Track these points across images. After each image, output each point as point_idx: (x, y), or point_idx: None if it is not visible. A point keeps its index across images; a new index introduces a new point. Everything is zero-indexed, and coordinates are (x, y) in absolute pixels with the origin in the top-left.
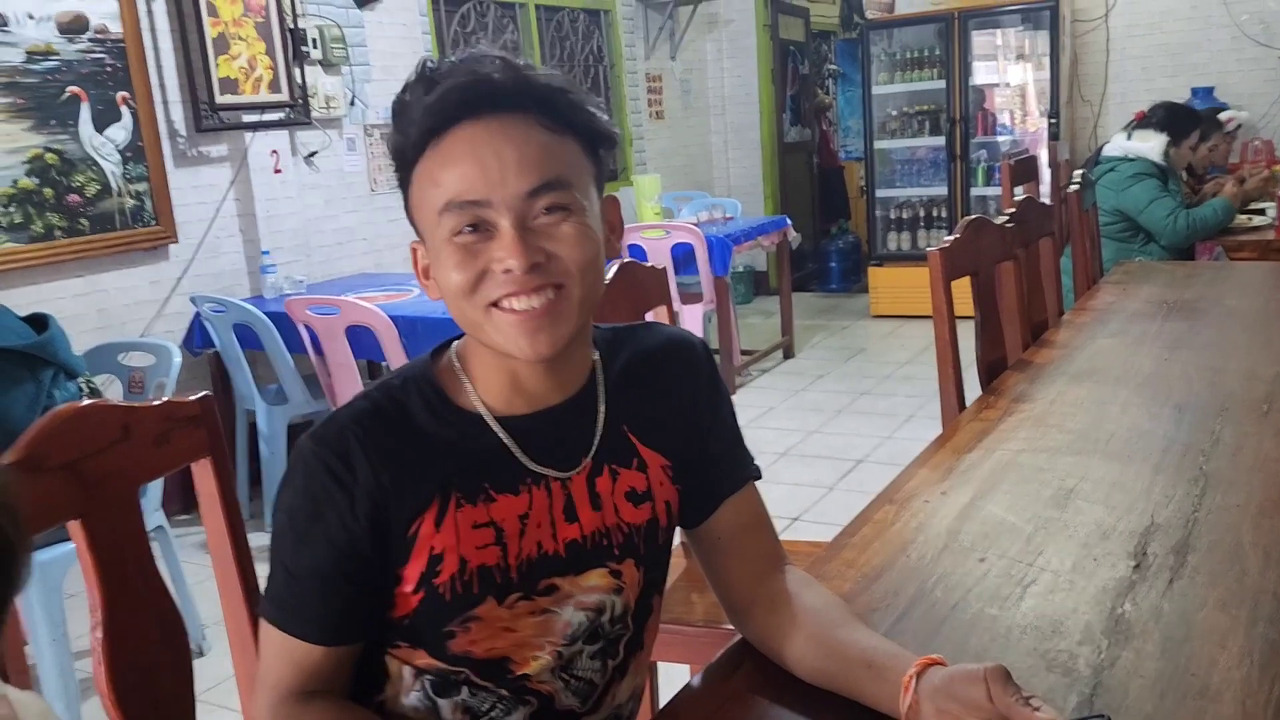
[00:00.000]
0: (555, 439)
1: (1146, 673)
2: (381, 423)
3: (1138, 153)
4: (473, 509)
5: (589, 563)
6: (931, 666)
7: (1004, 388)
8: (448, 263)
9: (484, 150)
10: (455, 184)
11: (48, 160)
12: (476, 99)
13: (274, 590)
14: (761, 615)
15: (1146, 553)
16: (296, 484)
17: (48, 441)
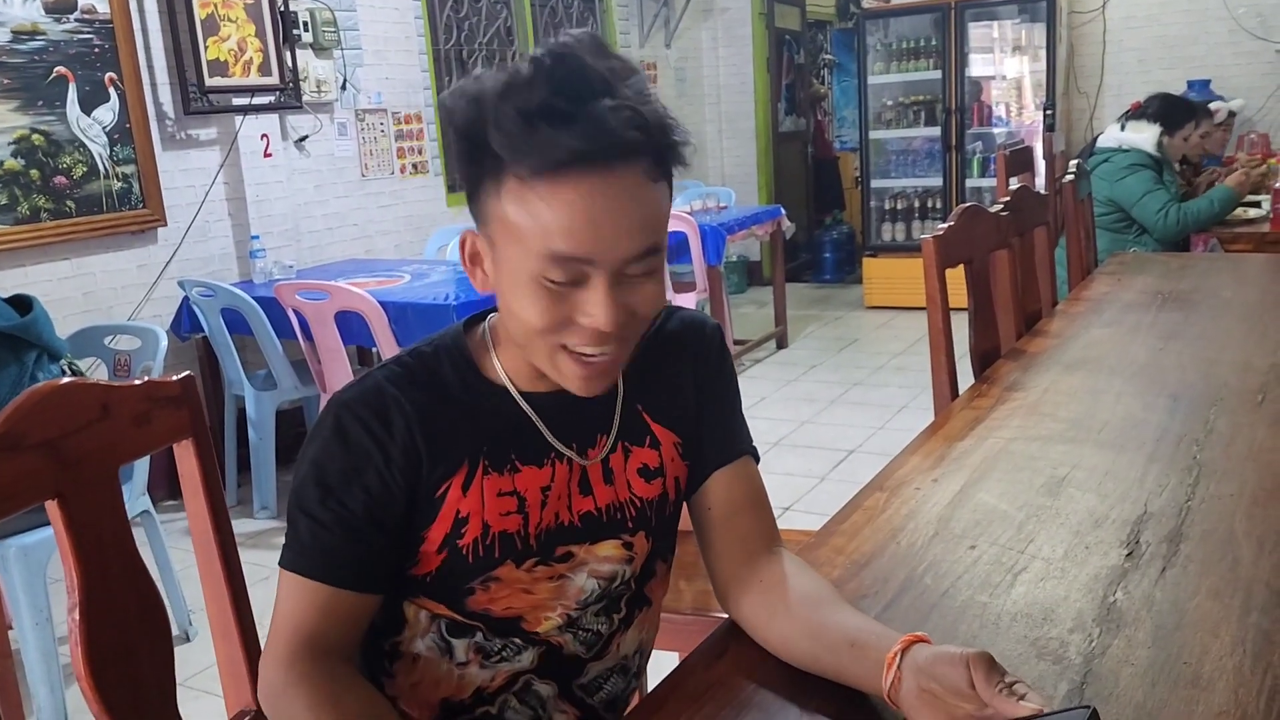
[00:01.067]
0: (576, 418)
1: (1138, 661)
2: (417, 386)
3: (1132, 144)
4: (499, 477)
5: (603, 534)
6: (916, 644)
7: (997, 376)
8: (530, 299)
9: (599, 210)
10: (563, 237)
11: (34, 141)
12: (604, 151)
13: (298, 540)
14: (749, 596)
15: (1139, 541)
16: (330, 438)
17: (25, 419)
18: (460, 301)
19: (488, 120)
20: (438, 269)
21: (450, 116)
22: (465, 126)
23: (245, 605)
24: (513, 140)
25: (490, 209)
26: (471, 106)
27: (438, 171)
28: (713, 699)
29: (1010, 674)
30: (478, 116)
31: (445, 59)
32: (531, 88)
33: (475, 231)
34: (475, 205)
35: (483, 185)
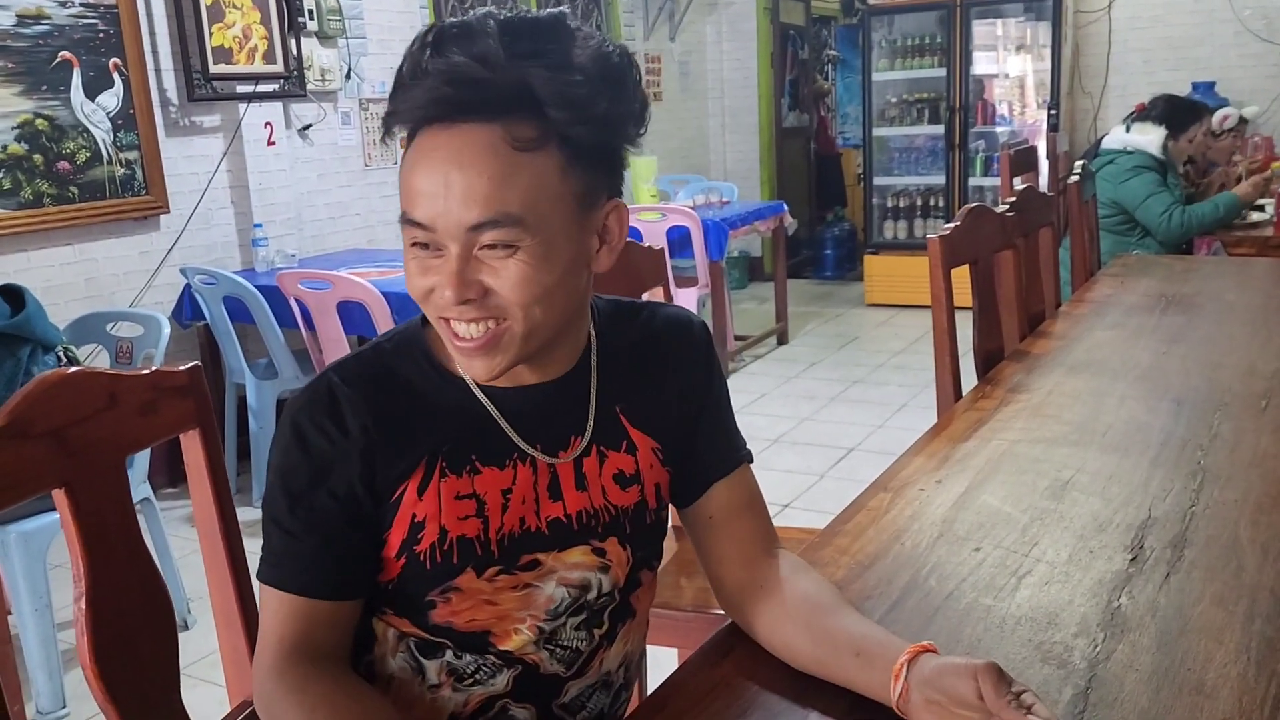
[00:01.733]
0: (544, 417)
1: (1142, 667)
2: (371, 382)
3: (1136, 145)
4: (456, 479)
5: (572, 540)
6: (923, 654)
7: (1001, 378)
8: (408, 266)
9: (437, 171)
10: (410, 198)
11: (38, 126)
12: (446, 102)
13: (272, 552)
14: (752, 600)
15: (1143, 546)
16: (288, 445)
17: (32, 408)
18: None
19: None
20: None
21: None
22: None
23: (249, 595)
24: (393, 103)
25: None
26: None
27: None
28: (716, 699)
29: (1019, 684)
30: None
31: None
32: (414, 49)
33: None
34: None
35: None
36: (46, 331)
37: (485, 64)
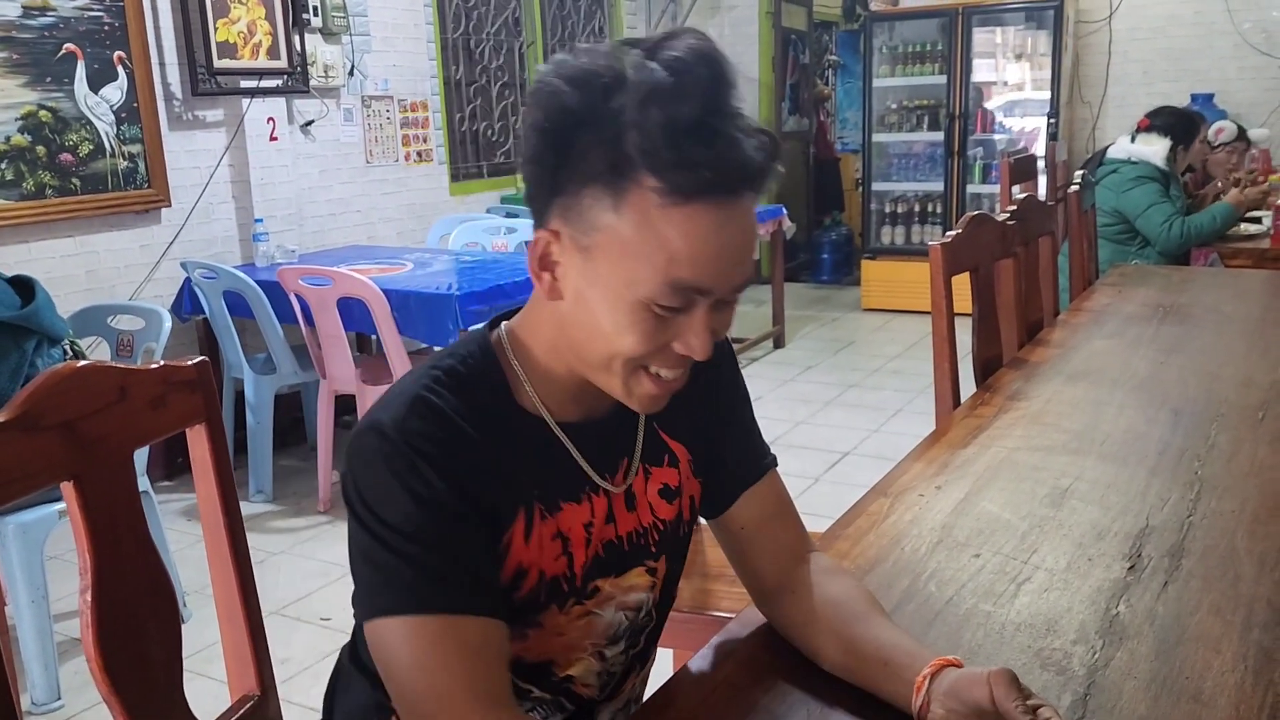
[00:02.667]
0: (605, 444)
1: (1140, 674)
2: (468, 412)
3: (1141, 156)
4: (552, 520)
5: (629, 563)
6: (946, 668)
7: (999, 385)
8: (629, 323)
9: (726, 240)
10: (689, 265)
11: (41, 118)
12: (745, 180)
13: (404, 581)
14: (786, 605)
15: (1141, 555)
16: (392, 475)
17: (44, 401)
18: (464, 292)
19: (624, 121)
20: (440, 258)
21: (553, 100)
22: (576, 115)
23: (252, 591)
24: (658, 152)
25: (596, 217)
26: (592, 96)
27: (442, 160)
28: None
29: (1036, 696)
30: (601, 110)
31: (453, 48)
32: (683, 96)
33: (551, 232)
34: (562, 206)
35: (586, 188)
36: (54, 324)
37: (768, 135)
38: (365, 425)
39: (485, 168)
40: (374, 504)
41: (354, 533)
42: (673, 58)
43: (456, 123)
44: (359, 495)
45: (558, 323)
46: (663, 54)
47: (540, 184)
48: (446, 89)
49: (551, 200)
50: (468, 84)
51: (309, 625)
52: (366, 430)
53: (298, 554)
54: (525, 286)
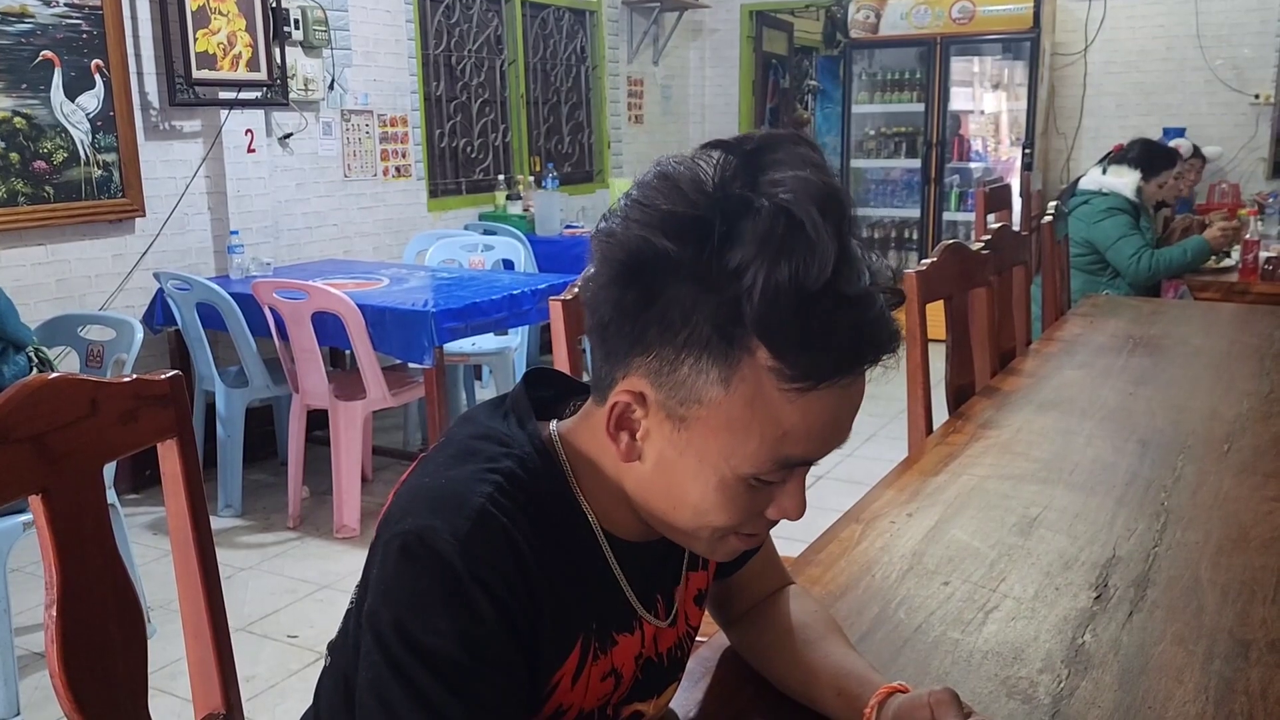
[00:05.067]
0: (656, 566)
1: (1104, 704)
2: (523, 539)
3: (1111, 188)
4: (605, 659)
5: (667, 680)
6: (892, 695)
7: (971, 413)
8: (721, 496)
9: (844, 415)
10: (802, 443)
11: (16, 124)
12: (873, 360)
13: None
14: (749, 631)
15: (1108, 584)
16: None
17: (14, 413)
18: (440, 309)
19: (739, 284)
20: (417, 274)
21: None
22: (675, 265)
23: (220, 608)
24: (781, 330)
25: (699, 390)
26: (695, 248)
27: (420, 176)
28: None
29: (979, 715)
30: (709, 266)
31: (434, 64)
32: (804, 254)
33: (635, 395)
34: (648, 366)
35: (686, 354)
36: (18, 330)
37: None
38: (414, 533)
39: (464, 184)
40: (412, 638)
41: (372, 656)
42: (785, 197)
43: (436, 139)
44: (394, 621)
45: (630, 479)
46: (768, 189)
47: (618, 334)
48: (427, 105)
49: (630, 353)
50: (448, 100)
51: (275, 642)
52: (417, 542)
53: (266, 570)
54: (501, 305)
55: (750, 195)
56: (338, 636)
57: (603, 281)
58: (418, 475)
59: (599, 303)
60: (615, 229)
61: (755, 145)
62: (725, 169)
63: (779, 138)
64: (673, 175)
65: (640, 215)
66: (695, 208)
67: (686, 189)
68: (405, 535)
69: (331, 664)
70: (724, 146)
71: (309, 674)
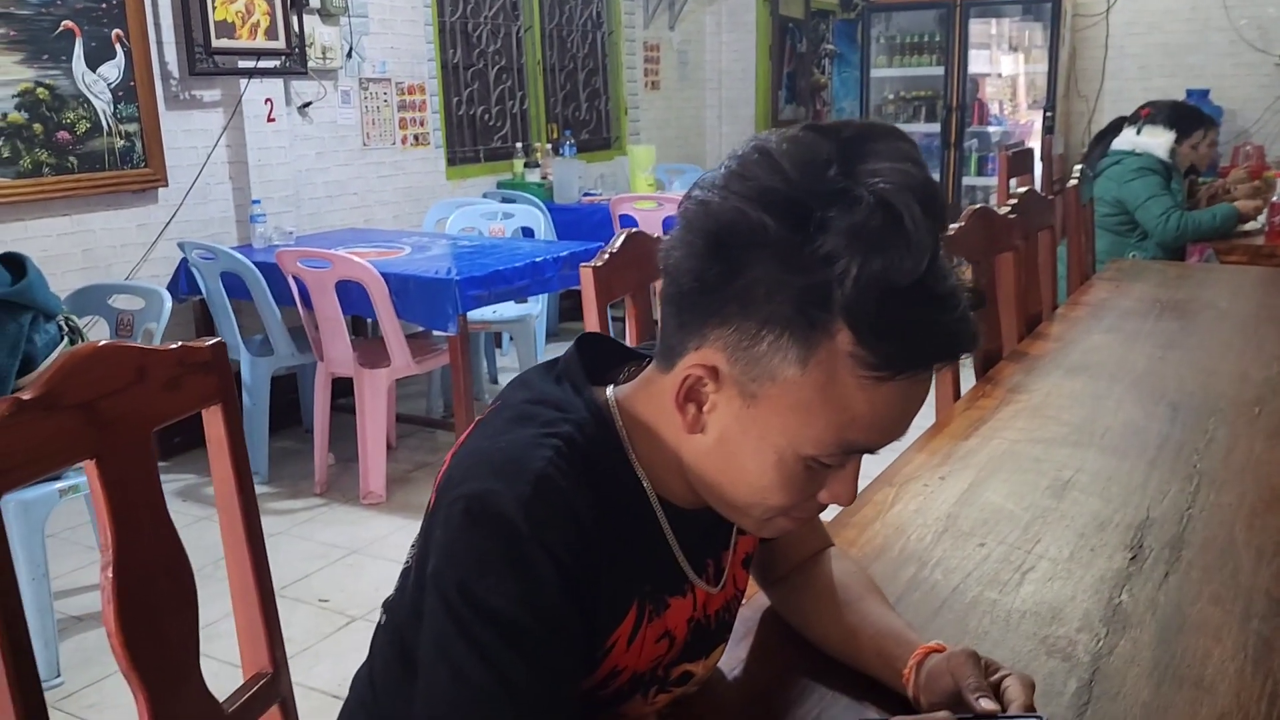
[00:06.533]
0: (707, 532)
1: (1143, 662)
2: (591, 497)
3: (1145, 148)
4: (659, 620)
5: (715, 641)
6: (929, 655)
7: (1000, 378)
8: (780, 475)
9: (911, 408)
10: (868, 431)
11: (39, 95)
12: (953, 358)
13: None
14: (790, 592)
15: (1142, 546)
16: (510, 571)
17: (66, 381)
18: (464, 277)
19: (832, 269)
20: (438, 242)
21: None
22: (767, 243)
23: (265, 570)
24: (869, 318)
25: (775, 368)
26: (791, 228)
27: (438, 144)
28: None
29: (1003, 668)
30: (802, 247)
31: (450, 31)
32: (900, 248)
33: (708, 369)
34: (725, 340)
35: (767, 331)
36: (48, 300)
37: (973, 289)
38: (476, 496)
39: (482, 152)
40: (476, 598)
41: (437, 616)
42: (885, 189)
43: (453, 107)
44: (458, 582)
45: (689, 449)
46: (871, 180)
47: (698, 304)
48: (444, 72)
49: (706, 324)
50: (465, 68)
51: (308, 606)
52: (479, 504)
53: (295, 535)
54: (524, 272)
55: (850, 184)
56: (394, 594)
57: (688, 250)
58: (476, 439)
59: (681, 271)
60: (711, 199)
61: (853, 133)
62: (823, 154)
63: (877, 129)
64: (774, 153)
65: (740, 188)
66: (795, 188)
67: (788, 168)
68: (468, 498)
69: (388, 622)
70: (820, 131)
71: (341, 637)
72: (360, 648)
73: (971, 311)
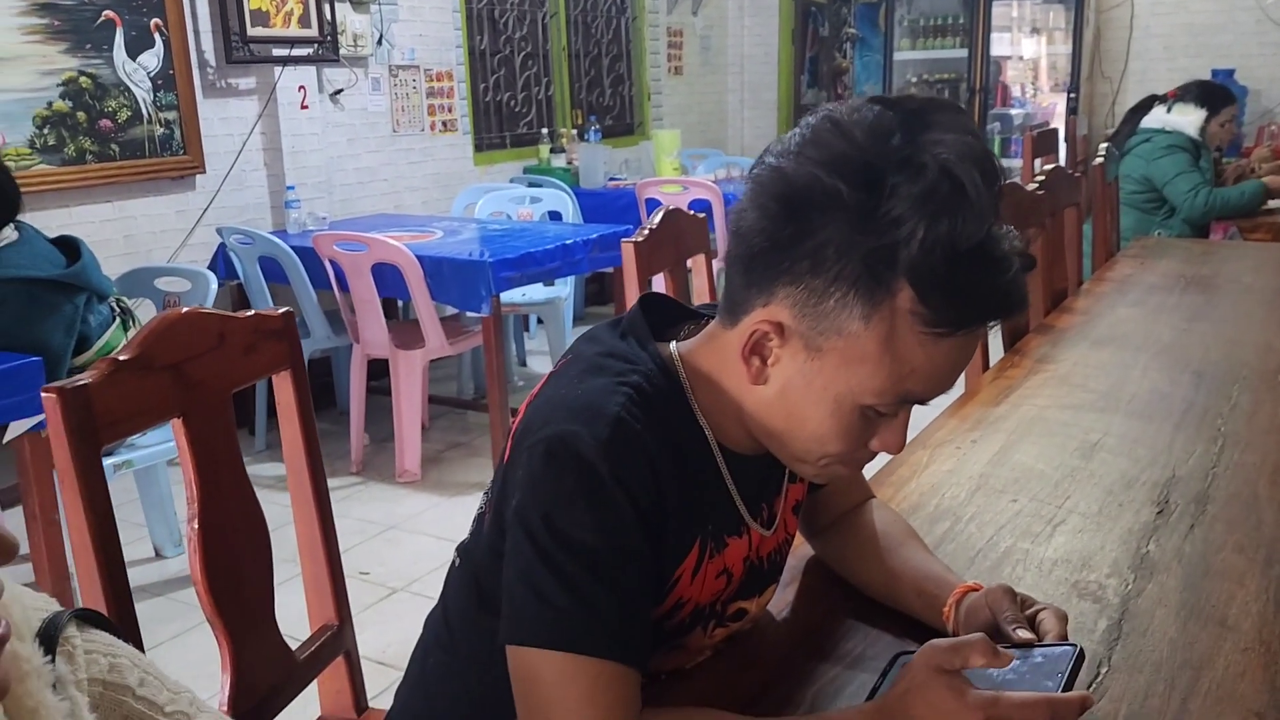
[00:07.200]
0: (763, 478)
1: (1170, 603)
2: (660, 440)
3: (1175, 126)
4: (719, 557)
5: (767, 581)
6: (967, 594)
7: (1027, 349)
8: (837, 421)
9: (963, 361)
10: (924, 382)
11: (82, 84)
12: (1006, 317)
13: (572, 617)
14: (834, 540)
15: (1168, 501)
16: (588, 504)
17: (156, 344)
18: (497, 259)
19: (900, 230)
20: (468, 226)
21: (813, 182)
22: (840, 205)
23: (331, 529)
24: (933, 277)
25: (841, 322)
26: (863, 191)
27: (466, 130)
28: (784, 622)
29: (1038, 603)
30: (872, 209)
31: (477, 18)
32: (963, 213)
33: (774, 325)
34: (794, 296)
35: (835, 287)
36: (101, 282)
37: (1028, 255)
38: (558, 437)
39: (508, 138)
40: (559, 529)
41: (522, 550)
42: (948, 158)
43: (481, 93)
44: (543, 515)
45: (751, 399)
46: (935, 149)
47: (768, 263)
48: (471, 59)
49: (775, 282)
50: (492, 54)
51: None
52: (561, 445)
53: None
54: (554, 254)
55: (914, 151)
56: (469, 539)
57: (762, 213)
58: (551, 388)
59: (752, 233)
60: (785, 165)
61: (918, 105)
62: (889, 122)
63: (939, 102)
64: (844, 123)
65: (815, 154)
66: (866, 154)
67: (860, 136)
68: (550, 440)
69: (462, 564)
70: (885, 103)
71: (384, 608)
72: (400, 617)
73: (1024, 273)
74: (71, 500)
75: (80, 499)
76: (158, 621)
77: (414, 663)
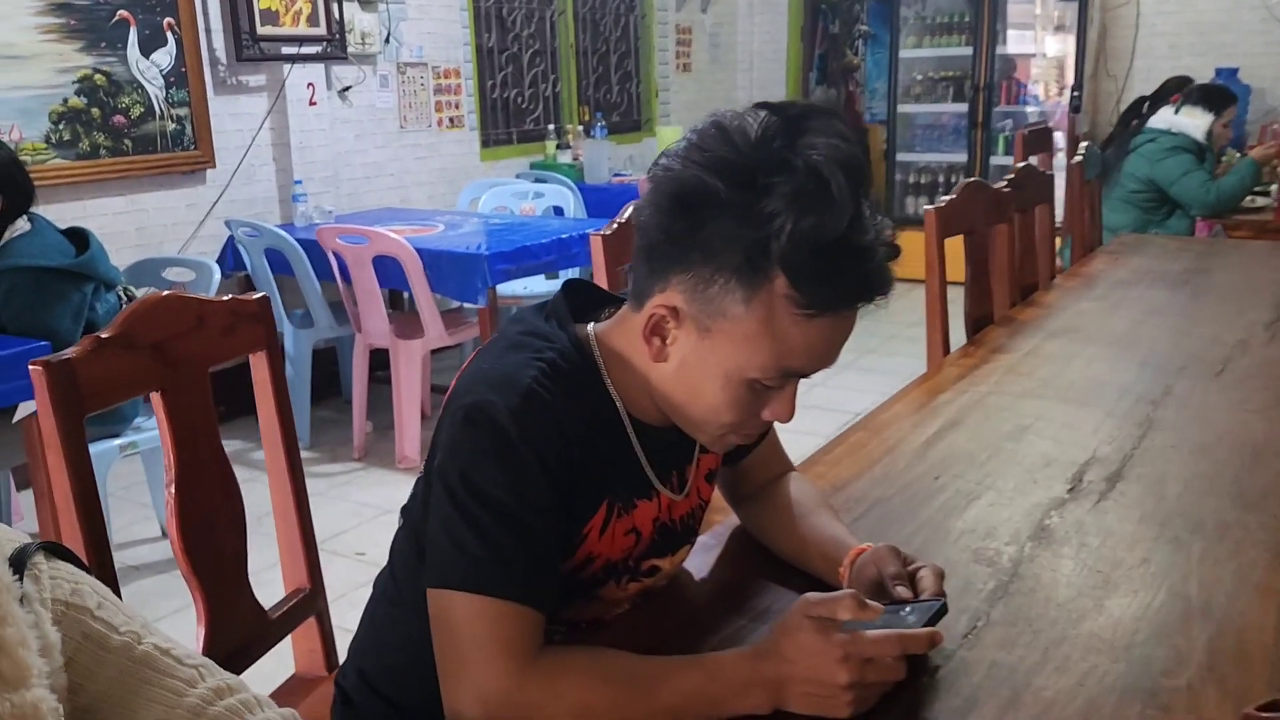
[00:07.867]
0: (672, 447)
1: (1059, 568)
2: (570, 407)
3: (1182, 128)
4: (628, 517)
5: (680, 542)
6: (860, 555)
7: (986, 340)
8: (727, 395)
9: (839, 339)
10: (803, 357)
11: (96, 81)
12: (871, 299)
13: (485, 563)
14: (756, 511)
15: (1082, 480)
16: (499, 465)
17: (139, 324)
18: (492, 252)
19: (772, 225)
20: (470, 221)
21: (698, 184)
22: (722, 203)
23: (304, 497)
24: (801, 266)
25: (725, 306)
26: (740, 190)
27: (473, 126)
28: (707, 586)
29: (921, 562)
30: (749, 206)
31: (485, 15)
32: (828, 209)
33: (670, 309)
34: (686, 283)
35: (719, 275)
36: (109, 271)
37: (893, 244)
38: (475, 404)
39: (515, 134)
40: (474, 485)
41: (441, 504)
42: (817, 160)
43: (487, 90)
44: (459, 473)
45: (655, 375)
46: (807, 152)
47: (663, 254)
48: (479, 56)
49: (670, 270)
50: (499, 51)
51: (344, 558)
52: (478, 411)
53: (334, 496)
54: (551, 248)
55: (789, 154)
56: (409, 501)
57: (656, 209)
58: (478, 362)
59: (651, 227)
60: (675, 166)
61: (797, 111)
62: (770, 128)
63: (817, 109)
64: (728, 127)
65: (698, 157)
66: (743, 157)
67: (738, 140)
68: (469, 407)
69: (404, 525)
70: (770, 109)
71: None
72: None
73: (887, 261)
74: (55, 463)
75: (64, 462)
76: (161, 596)
77: (364, 619)
